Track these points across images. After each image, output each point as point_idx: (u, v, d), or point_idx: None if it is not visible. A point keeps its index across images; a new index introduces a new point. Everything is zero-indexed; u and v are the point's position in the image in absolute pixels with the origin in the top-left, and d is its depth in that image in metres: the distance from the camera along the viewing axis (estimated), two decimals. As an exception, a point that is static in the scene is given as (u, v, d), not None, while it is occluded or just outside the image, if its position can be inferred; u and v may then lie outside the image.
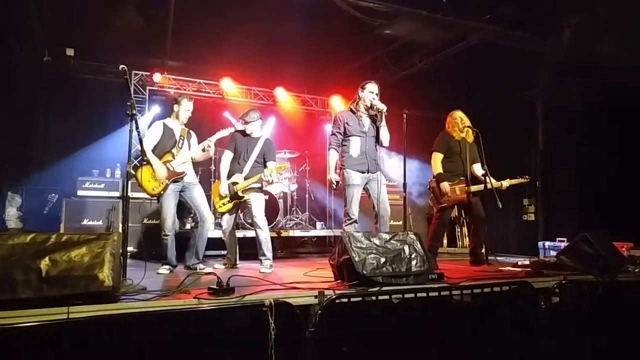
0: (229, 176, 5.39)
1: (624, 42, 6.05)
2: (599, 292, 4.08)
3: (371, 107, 4.97)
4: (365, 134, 4.98)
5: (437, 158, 5.56)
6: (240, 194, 5.26)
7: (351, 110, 5.07)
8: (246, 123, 5.52)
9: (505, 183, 5.51)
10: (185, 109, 5.24)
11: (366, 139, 4.97)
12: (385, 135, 4.99)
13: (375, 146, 5.05)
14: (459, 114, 5.64)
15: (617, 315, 4.04)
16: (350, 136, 4.97)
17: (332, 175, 4.98)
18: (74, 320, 2.56)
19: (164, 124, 5.18)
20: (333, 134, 5.08)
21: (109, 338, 2.59)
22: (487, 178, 5.36)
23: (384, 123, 4.95)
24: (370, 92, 4.98)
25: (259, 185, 5.39)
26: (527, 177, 5.59)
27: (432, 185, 5.62)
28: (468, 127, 5.57)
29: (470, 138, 5.64)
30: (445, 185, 5.40)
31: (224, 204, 5.38)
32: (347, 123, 4.99)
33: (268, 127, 9.39)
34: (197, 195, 5.14)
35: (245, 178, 5.31)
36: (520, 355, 3.69)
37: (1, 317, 2.43)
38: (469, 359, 3.54)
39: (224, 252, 5.81)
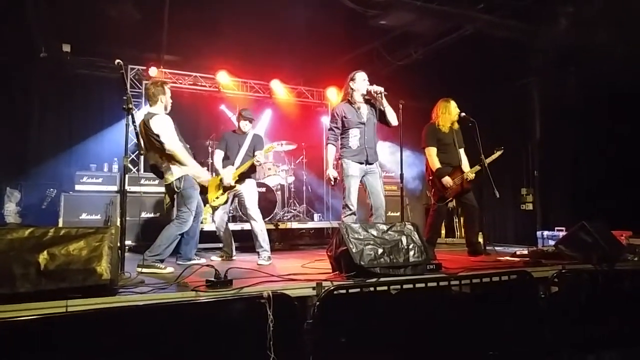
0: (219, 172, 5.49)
1: (620, 31, 6.04)
2: (598, 281, 4.09)
3: (368, 93, 4.95)
4: (364, 124, 4.94)
5: (432, 152, 5.51)
6: (232, 183, 5.30)
7: (348, 102, 5.04)
8: (244, 119, 5.61)
9: (487, 161, 5.49)
10: (169, 96, 4.76)
11: (365, 129, 4.94)
12: (391, 115, 4.95)
13: (374, 136, 5.05)
14: (454, 102, 5.61)
15: (617, 304, 4.06)
16: (349, 129, 4.93)
17: (331, 172, 4.93)
18: (73, 313, 2.58)
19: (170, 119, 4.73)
20: (331, 129, 5.03)
21: (107, 331, 2.61)
22: (483, 162, 5.40)
23: (386, 103, 4.91)
24: (363, 80, 4.97)
25: (250, 170, 5.43)
26: (500, 148, 5.56)
27: (434, 181, 5.57)
28: (464, 116, 5.55)
29: (455, 125, 5.63)
30: (448, 181, 5.37)
31: (217, 198, 5.42)
32: (344, 116, 4.94)
33: (264, 120, 9.39)
34: None
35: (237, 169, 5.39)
36: (520, 345, 3.71)
37: (0, 311, 2.44)
38: (467, 349, 3.56)
39: (220, 245, 5.82)
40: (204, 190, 5.04)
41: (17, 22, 7.04)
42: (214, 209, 5.54)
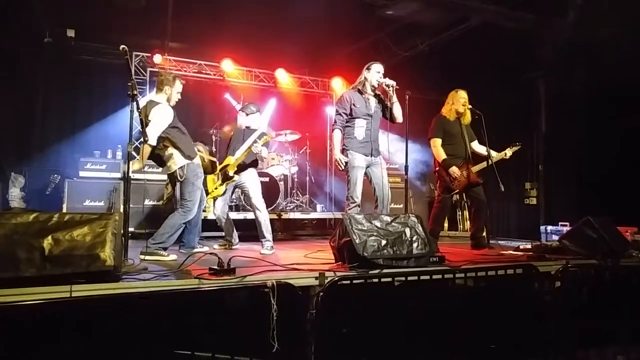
0: (221, 162, 5.47)
1: (628, 25, 5.99)
2: (603, 277, 4.08)
3: (378, 86, 4.92)
4: (371, 116, 4.91)
5: (437, 144, 5.46)
6: (230, 174, 5.27)
7: (358, 91, 4.98)
8: (247, 115, 5.58)
9: (509, 152, 5.42)
10: (177, 91, 4.68)
11: (371, 122, 4.91)
12: (398, 112, 4.92)
13: (378, 130, 5.02)
14: (464, 94, 5.56)
15: (621, 300, 4.04)
16: (355, 118, 4.88)
17: (340, 156, 4.86)
18: (77, 298, 2.58)
19: (172, 109, 4.64)
20: (338, 113, 4.96)
21: (111, 317, 2.61)
22: (489, 155, 5.33)
23: (395, 98, 4.86)
24: (377, 72, 4.91)
25: (251, 162, 5.38)
26: (517, 143, 5.49)
27: (440, 173, 5.54)
28: (470, 108, 5.50)
29: (466, 119, 5.57)
30: (455, 170, 5.32)
31: (216, 188, 5.42)
32: (354, 104, 4.89)
33: (268, 109, 9.35)
34: None
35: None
36: (522, 339, 3.71)
37: (5, 295, 2.45)
38: (469, 342, 3.56)
39: (222, 234, 5.83)
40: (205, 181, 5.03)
41: (21, 7, 7.01)
42: (214, 199, 5.54)
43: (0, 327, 2.41)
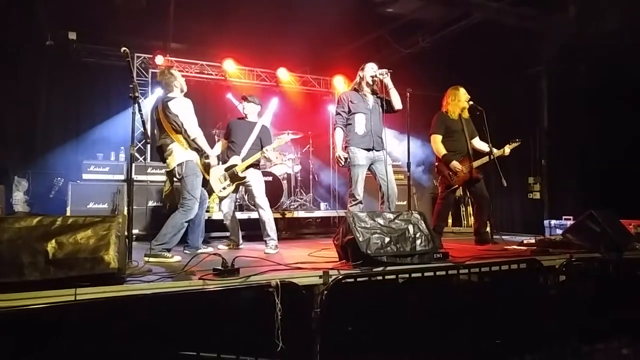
0: (227, 161, 5.44)
1: (629, 19, 5.96)
2: (607, 271, 4.07)
3: (373, 81, 5.01)
4: (370, 111, 4.99)
5: (437, 140, 5.47)
6: (240, 174, 5.29)
7: (354, 90, 5.10)
8: (246, 101, 5.59)
9: (507, 149, 5.43)
10: (180, 76, 4.76)
11: (371, 116, 4.97)
12: (396, 98, 5.00)
13: (381, 124, 5.05)
14: (464, 90, 5.56)
15: (626, 293, 4.03)
16: (355, 113, 4.98)
17: (340, 153, 4.96)
18: (82, 301, 2.59)
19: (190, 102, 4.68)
20: (338, 113, 5.09)
21: (116, 319, 2.62)
22: (491, 151, 5.32)
23: (391, 85, 4.96)
24: (371, 69, 5.04)
25: (257, 163, 5.44)
26: (516, 140, 5.49)
27: (439, 168, 5.54)
28: (472, 105, 5.49)
29: (466, 114, 5.58)
30: (455, 164, 5.32)
31: (224, 188, 5.40)
32: (351, 101, 5.01)
33: (270, 109, 9.35)
34: None
35: (243, 160, 5.35)
36: (528, 334, 3.70)
37: (9, 299, 2.46)
38: (474, 338, 3.55)
39: (227, 234, 5.83)
40: (205, 182, 5.01)
41: (23, 9, 7.03)
42: (221, 199, 5.53)
43: (6, 331, 2.43)
